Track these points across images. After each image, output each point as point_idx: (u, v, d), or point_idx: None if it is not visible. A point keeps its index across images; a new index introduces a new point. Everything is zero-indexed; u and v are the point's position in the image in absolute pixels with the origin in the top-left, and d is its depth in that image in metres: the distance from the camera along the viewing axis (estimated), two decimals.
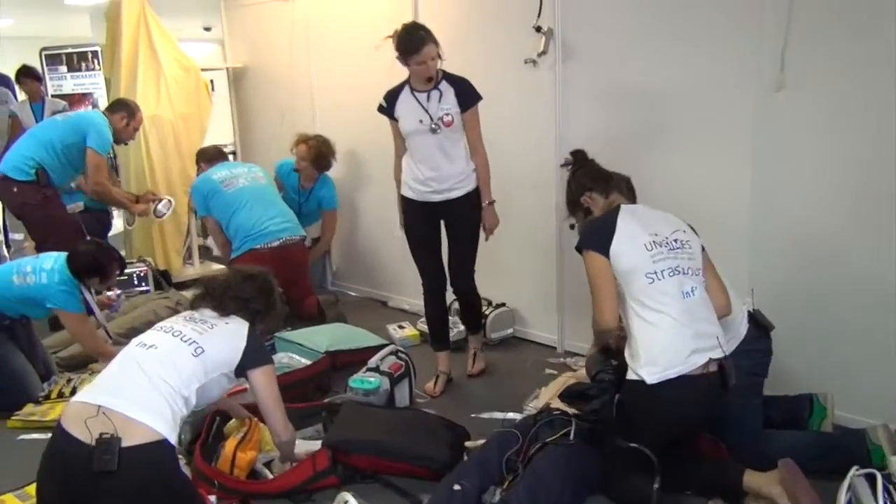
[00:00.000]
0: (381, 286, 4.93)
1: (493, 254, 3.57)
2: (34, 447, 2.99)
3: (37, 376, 3.45)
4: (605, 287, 2.38)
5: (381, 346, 3.80)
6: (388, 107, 3.30)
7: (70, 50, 7.88)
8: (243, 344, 2.37)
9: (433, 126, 3.19)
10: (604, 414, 2.49)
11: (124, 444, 2.00)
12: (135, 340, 2.33)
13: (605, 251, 2.37)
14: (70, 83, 7.82)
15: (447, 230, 3.42)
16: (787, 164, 2.90)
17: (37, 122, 5.92)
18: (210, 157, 4.63)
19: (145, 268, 4.83)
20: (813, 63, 2.76)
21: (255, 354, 2.40)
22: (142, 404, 2.10)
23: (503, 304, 4.03)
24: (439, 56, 3.14)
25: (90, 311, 3.54)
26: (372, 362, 3.19)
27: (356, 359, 3.67)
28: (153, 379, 2.16)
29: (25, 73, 6.04)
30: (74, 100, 7.29)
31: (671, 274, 2.31)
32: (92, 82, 7.96)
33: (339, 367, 3.61)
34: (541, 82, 3.64)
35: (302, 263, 4.42)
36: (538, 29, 3.53)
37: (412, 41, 3.09)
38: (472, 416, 2.98)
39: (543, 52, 3.54)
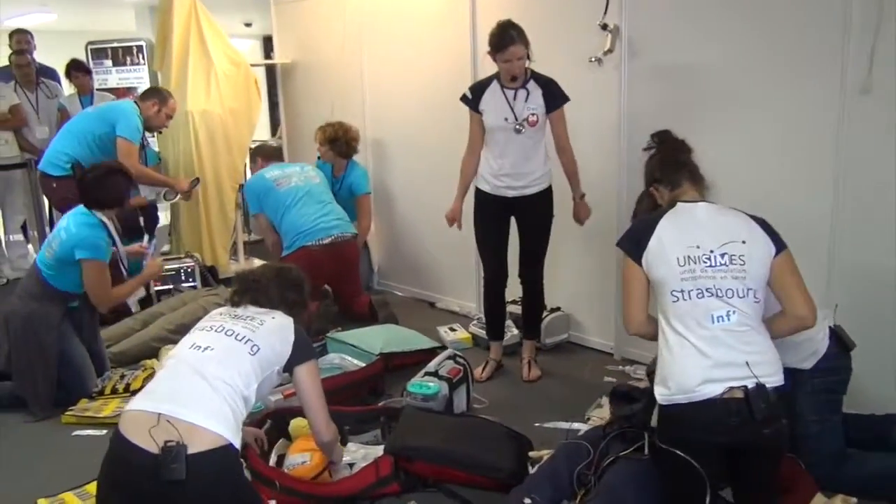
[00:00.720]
0: (429, 286, 4.85)
1: (548, 256, 3.49)
2: (90, 443, 2.99)
3: (94, 371, 3.43)
4: (633, 293, 2.23)
5: (434, 349, 3.78)
6: (474, 98, 3.31)
7: (115, 44, 7.94)
8: (293, 338, 2.33)
9: (518, 126, 3.22)
10: (635, 420, 2.40)
11: (190, 451, 1.95)
12: (185, 343, 2.26)
13: (637, 257, 2.20)
14: (115, 77, 7.89)
15: (519, 224, 3.44)
16: (873, 167, 2.77)
17: None
18: (268, 154, 4.63)
19: (193, 263, 4.81)
20: None
21: (303, 349, 2.35)
22: (204, 409, 2.05)
23: (558, 309, 3.93)
24: (528, 57, 3.16)
25: (123, 266, 3.46)
26: (430, 367, 3.12)
27: (409, 361, 3.64)
28: (213, 382, 2.10)
29: (76, 67, 6.06)
30: (119, 94, 7.30)
31: (700, 295, 2.06)
32: (137, 76, 8.03)
33: (391, 369, 3.55)
34: (606, 81, 3.54)
35: (353, 261, 4.38)
36: (604, 27, 3.43)
37: (501, 38, 3.13)
38: (536, 425, 2.89)
39: (610, 51, 3.44)
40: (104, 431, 3.11)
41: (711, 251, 2.11)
